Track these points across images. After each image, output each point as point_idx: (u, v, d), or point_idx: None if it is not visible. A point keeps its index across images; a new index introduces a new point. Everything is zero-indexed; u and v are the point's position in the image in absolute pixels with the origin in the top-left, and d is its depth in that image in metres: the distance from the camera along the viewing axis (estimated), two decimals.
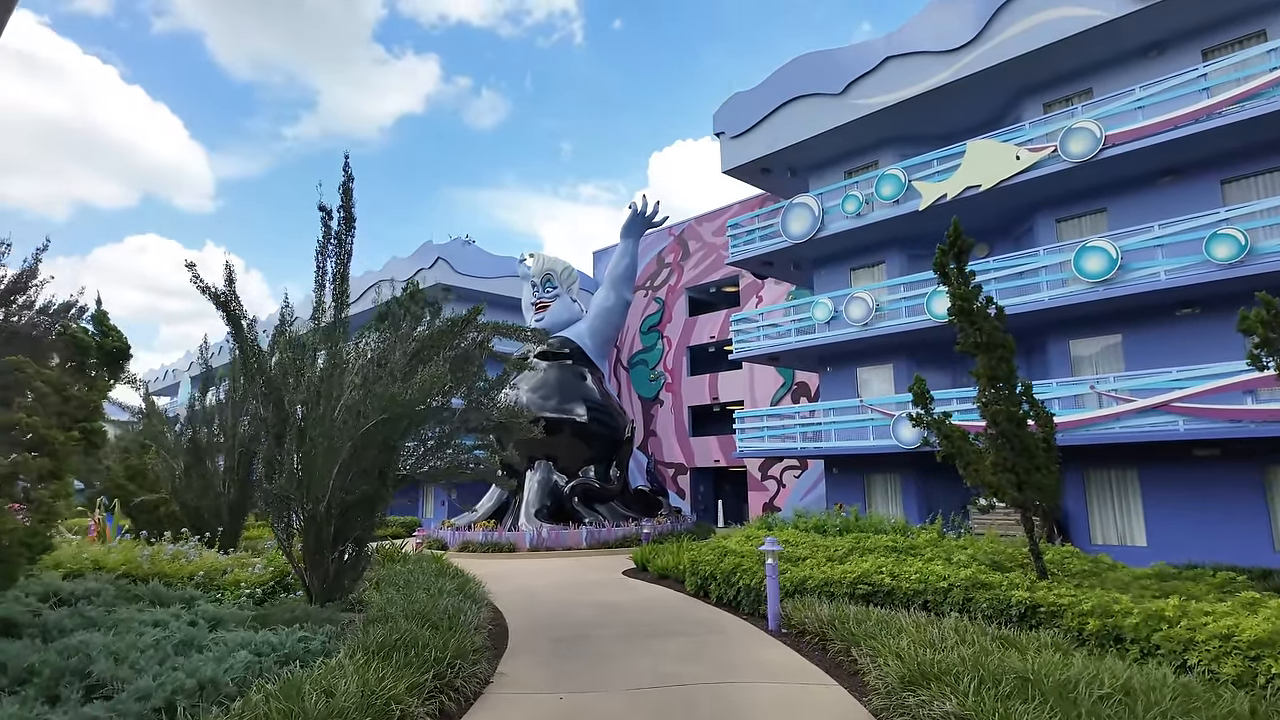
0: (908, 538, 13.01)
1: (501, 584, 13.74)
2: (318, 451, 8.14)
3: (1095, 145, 13.88)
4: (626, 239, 23.86)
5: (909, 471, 17.38)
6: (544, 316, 24.00)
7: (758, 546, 11.51)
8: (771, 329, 19.19)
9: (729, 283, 30.68)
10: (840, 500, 18.55)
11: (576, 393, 22.81)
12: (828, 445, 17.51)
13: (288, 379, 8.54)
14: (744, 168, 20.04)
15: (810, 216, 17.97)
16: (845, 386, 18.63)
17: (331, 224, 9.15)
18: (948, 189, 15.78)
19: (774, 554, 9.28)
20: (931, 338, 16.73)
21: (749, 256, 19.61)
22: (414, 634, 6.33)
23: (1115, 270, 13.49)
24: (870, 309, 16.67)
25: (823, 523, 15.04)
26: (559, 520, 20.69)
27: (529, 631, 9.10)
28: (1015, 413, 8.58)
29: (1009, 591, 8.03)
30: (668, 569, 13.70)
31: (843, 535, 14.22)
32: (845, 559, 10.85)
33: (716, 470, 30.96)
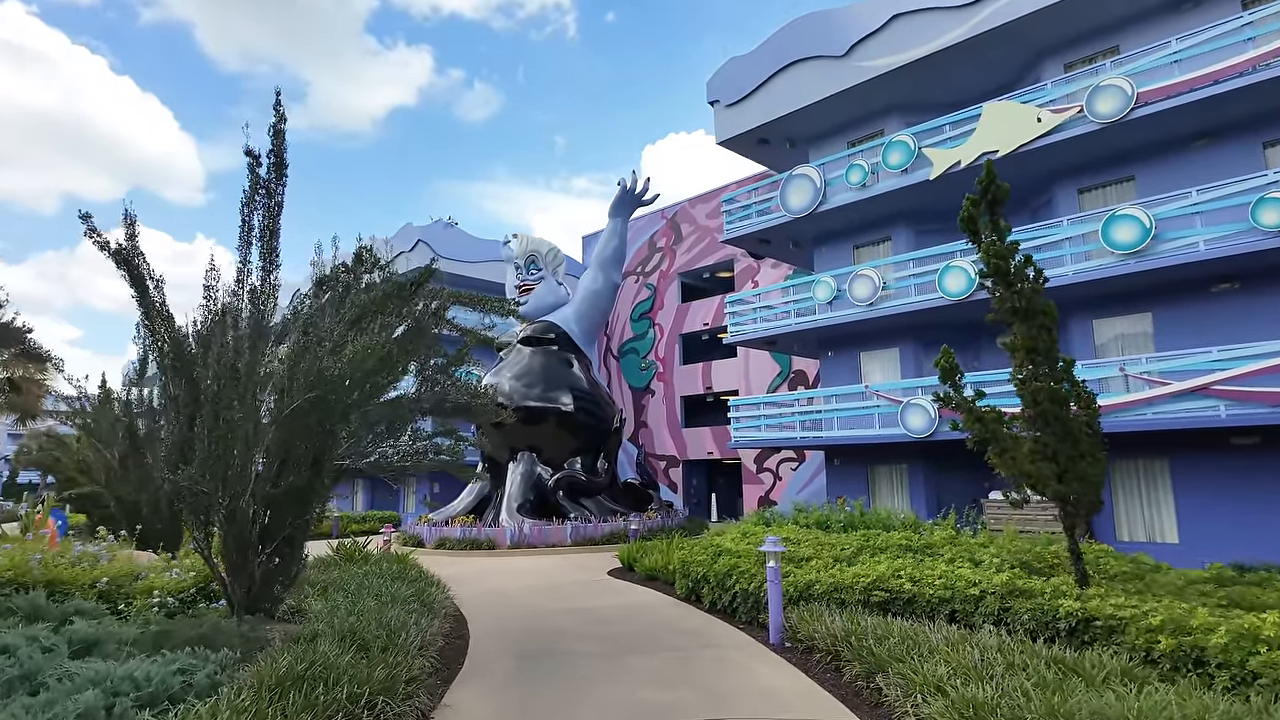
0: (921, 535, 11.81)
1: (472, 586, 12.47)
2: (236, 436, 6.83)
3: (1126, 104, 12.63)
4: (615, 218, 22.53)
5: (917, 462, 16.17)
6: (528, 300, 22.64)
7: (756, 545, 10.27)
8: (768, 311, 17.93)
9: (723, 267, 29.42)
10: (842, 494, 17.34)
11: (562, 380, 21.51)
12: (829, 435, 16.28)
13: (205, 349, 7.22)
14: (740, 138, 18.72)
15: (811, 189, 16.68)
16: (847, 372, 17.39)
17: (260, 171, 7.83)
18: (961, 155, 14.52)
19: (776, 555, 8.03)
20: (942, 318, 15.49)
21: (745, 234, 18.32)
22: (332, 660, 5.05)
23: (1148, 241, 12.27)
24: (876, 287, 15.42)
25: (826, 518, 13.82)
26: (543, 515, 19.43)
27: (492, 647, 7.84)
28: (1059, 391, 7.34)
29: (1054, 601, 6.80)
30: (656, 569, 12.46)
31: (848, 532, 13.00)
32: (855, 560, 9.63)
33: (710, 463, 29.75)
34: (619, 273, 22.86)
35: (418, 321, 7.56)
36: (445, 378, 8.01)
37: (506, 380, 21.29)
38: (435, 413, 8.32)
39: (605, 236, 22.66)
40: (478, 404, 8.37)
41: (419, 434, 8.39)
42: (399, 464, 8.09)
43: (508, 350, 22.42)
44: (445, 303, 7.96)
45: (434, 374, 8.04)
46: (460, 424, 9.93)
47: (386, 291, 7.50)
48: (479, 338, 9.32)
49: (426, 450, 8.41)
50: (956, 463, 16.22)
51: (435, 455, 8.43)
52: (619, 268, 22.83)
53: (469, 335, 9.06)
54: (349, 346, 6.79)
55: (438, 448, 8.56)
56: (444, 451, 8.57)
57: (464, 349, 8.69)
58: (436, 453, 8.49)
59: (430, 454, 8.44)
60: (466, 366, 8.58)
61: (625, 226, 22.76)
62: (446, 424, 9.30)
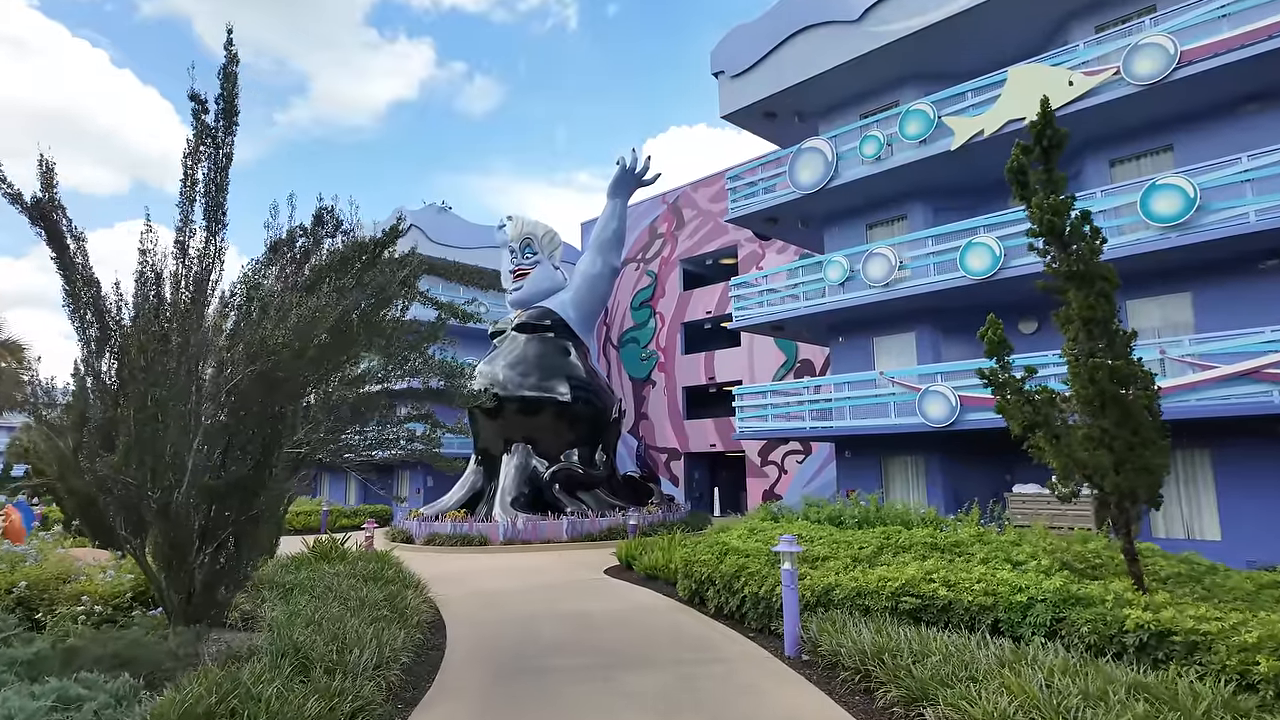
0: (945, 532, 10.87)
1: (458, 586, 11.54)
2: (169, 419, 5.87)
3: (1168, 64, 11.61)
4: (614, 199, 21.49)
5: (934, 454, 15.20)
6: (523, 285, 21.66)
7: (766, 544, 9.33)
8: (775, 294, 16.92)
9: (727, 253, 28.40)
10: (853, 487, 16.36)
11: (559, 369, 20.54)
12: (840, 425, 15.31)
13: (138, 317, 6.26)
14: (745, 112, 17.68)
15: (822, 163, 15.66)
16: (859, 359, 16.40)
17: (206, 119, 6.86)
18: (984, 124, 13.50)
19: (792, 556, 7.08)
20: (963, 300, 14.50)
21: (751, 212, 17.30)
22: (256, 690, 4.10)
23: (1191, 213, 11.26)
24: (892, 267, 14.41)
25: (838, 513, 12.85)
26: (538, 510, 18.50)
27: (470, 661, 6.89)
28: (1120, 367, 6.36)
29: (1118, 610, 5.84)
30: (656, 568, 11.53)
31: (863, 529, 12.05)
32: (876, 560, 8.68)
33: (712, 455, 28.79)
34: (618, 256, 21.85)
35: (383, 290, 6.57)
36: (416, 355, 7.04)
37: (500, 369, 20.34)
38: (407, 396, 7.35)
39: (604, 218, 21.63)
40: (455, 387, 7.39)
41: (391, 419, 7.41)
42: (367, 454, 7.11)
43: (502, 338, 21.46)
44: (416, 270, 6.98)
45: (404, 351, 7.06)
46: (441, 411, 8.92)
47: (345, 253, 6.51)
48: (456, 311, 8.34)
49: (398, 438, 7.42)
50: (975, 454, 15.27)
51: (409, 444, 7.46)
52: (618, 251, 21.81)
53: (444, 309, 8.08)
54: (294, 311, 5.82)
55: (411, 435, 7.57)
56: (419, 439, 7.59)
57: (438, 323, 7.71)
58: (410, 440, 7.50)
59: (403, 442, 7.46)
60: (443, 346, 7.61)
61: (625, 208, 21.74)
62: (422, 409, 8.34)
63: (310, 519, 24.66)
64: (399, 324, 6.95)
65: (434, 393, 7.50)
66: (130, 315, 6.23)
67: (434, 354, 7.43)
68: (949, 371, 13.74)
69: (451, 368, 7.67)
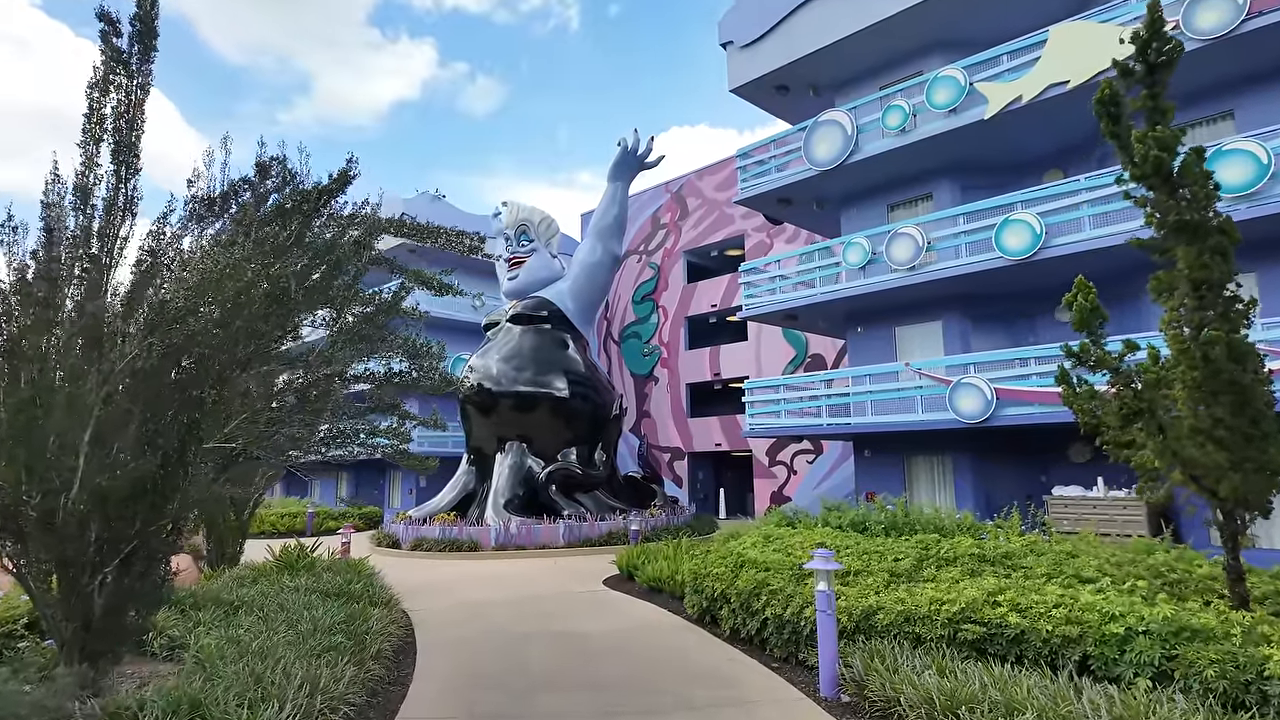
0: (986, 540, 9.66)
1: (440, 599, 10.31)
2: (51, 405, 4.65)
3: (1235, 15, 10.38)
4: (614, 182, 20.24)
5: (964, 452, 13.96)
6: (518, 274, 20.43)
7: (792, 556, 8.10)
8: (787, 281, 15.67)
9: (733, 244, 27.18)
10: (873, 489, 15.14)
11: (556, 363, 19.30)
12: (859, 421, 14.06)
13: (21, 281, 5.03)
14: (756, 85, 16.45)
15: (841, 136, 14.42)
16: (879, 350, 15.16)
17: (119, 42, 5.65)
18: (1023, 89, 12.25)
19: (828, 575, 5.84)
20: (996, 285, 13.28)
21: (762, 192, 16.06)
22: None
23: (1265, 180, 10.02)
24: (919, 248, 13.17)
25: (862, 518, 11.61)
26: (533, 512, 17.26)
27: (438, 702, 5.66)
28: (1238, 343, 5.12)
29: (1250, 649, 4.60)
30: (661, 580, 10.29)
31: (892, 536, 10.84)
32: (917, 575, 7.45)
33: (718, 455, 27.56)
34: (620, 243, 20.60)
35: (330, 250, 5.34)
36: (373, 329, 5.80)
37: (494, 362, 19.11)
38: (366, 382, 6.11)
39: (604, 204, 20.37)
40: (423, 371, 6.15)
41: (346, 410, 6.17)
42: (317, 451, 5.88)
43: (496, 329, 20.23)
44: (373, 229, 5.74)
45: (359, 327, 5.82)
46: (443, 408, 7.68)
47: (283, 205, 5.28)
48: (425, 280, 7.10)
49: (356, 432, 6.18)
50: (1009, 453, 14.03)
51: (369, 439, 6.22)
52: (619, 238, 20.56)
53: (408, 275, 6.85)
54: (217, 274, 4.59)
55: (373, 429, 6.33)
56: (381, 434, 6.35)
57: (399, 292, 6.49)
58: (371, 435, 6.27)
59: (362, 436, 6.22)
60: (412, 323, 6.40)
61: (626, 192, 20.49)
62: (386, 398, 7.11)
63: (295, 521, 23.46)
64: (351, 292, 5.71)
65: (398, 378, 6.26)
66: (7, 277, 5.01)
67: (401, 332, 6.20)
68: (982, 362, 12.50)
69: (418, 347, 6.43)
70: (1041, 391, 11.52)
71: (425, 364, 6.44)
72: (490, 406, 18.94)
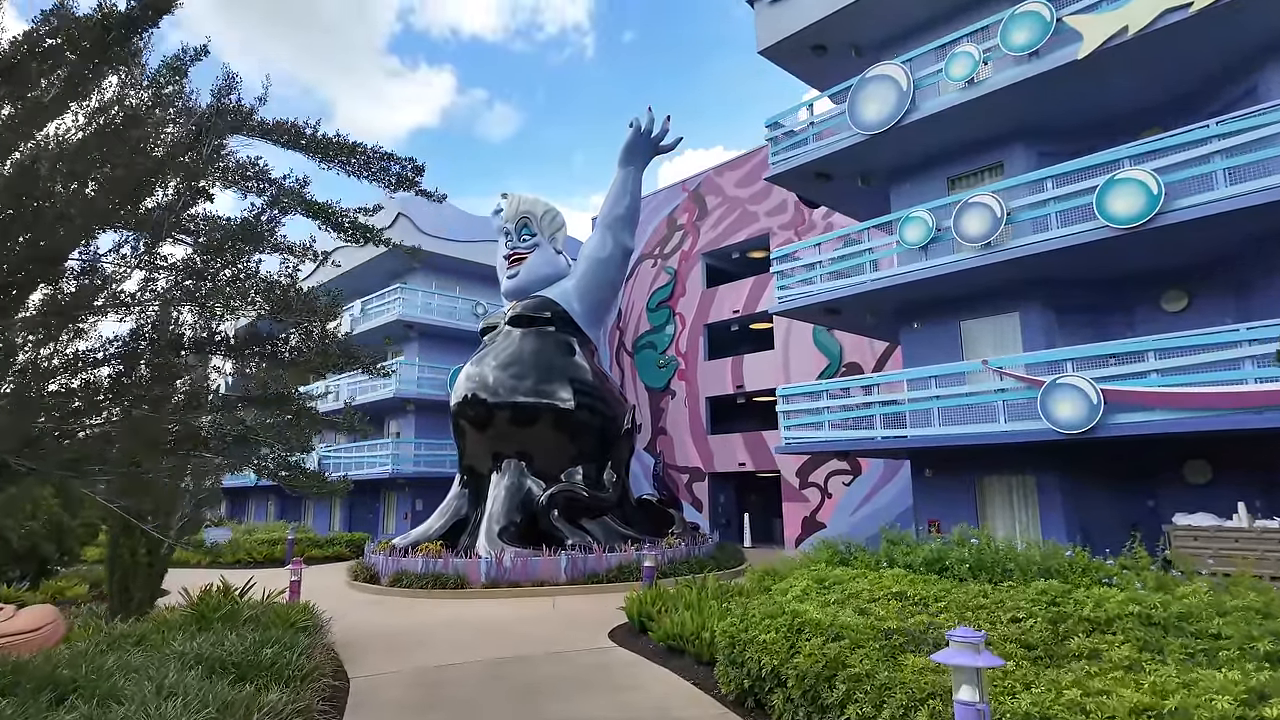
0: (1110, 584, 7.22)
1: (402, 660, 7.93)
2: None
3: None
4: (626, 167, 18.01)
5: (1050, 471, 11.43)
6: (518, 272, 18.23)
7: (883, 620, 5.66)
8: (826, 270, 13.28)
9: (756, 245, 24.89)
10: (936, 516, 12.61)
11: (560, 370, 16.99)
12: (923, 434, 11.59)
13: None
14: (788, 45, 14.22)
15: (895, 93, 12.12)
16: (941, 350, 12.72)
17: None
18: (1129, 19, 9.90)
19: (977, 678, 3.41)
20: (1088, 266, 10.89)
21: (797, 166, 13.76)
22: None
23: None
24: (997, 220, 10.77)
25: (938, 555, 9.12)
26: (532, 541, 14.87)
27: None
28: None
29: None
30: (684, 638, 7.85)
31: (982, 579, 8.39)
32: (1060, 648, 5.04)
33: (741, 476, 25.03)
34: (631, 236, 18.33)
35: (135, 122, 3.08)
36: (217, 260, 3.52)
37: (490, 370, 16.85)
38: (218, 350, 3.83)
39: (614, 192, 18.14)
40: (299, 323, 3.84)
41: (201, 402, 3.88)
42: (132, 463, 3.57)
43: (493, 334, 17.99)
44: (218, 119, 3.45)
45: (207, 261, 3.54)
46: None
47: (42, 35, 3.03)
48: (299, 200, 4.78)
49: (217, 438, 3.86)
50: (1110, 473, 11.48)
51: (233, 443, 3.91)
52: (631, 230, 18.30)
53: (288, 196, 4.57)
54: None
55: (247, 432, 4.02)
56: (262, 438, 4.04)
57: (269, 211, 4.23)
58: (241, 440, 3.96)
59: (229, 440, 3.91)
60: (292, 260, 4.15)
61: (639, 179, 18.25)
62: (267, 380, 4.81)
63: (275, 549, 21.17)
64: (179, 204, 3.45)
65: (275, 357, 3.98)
66: None
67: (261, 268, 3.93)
68: (1084, 358, 10.03)
69: (287, 297, 4.12)
70: (1169, 393, 9.02)
71: (296, 318, 4.17)
72: (485, 420, 16.64)
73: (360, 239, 5.15)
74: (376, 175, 4.89)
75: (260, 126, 4.13)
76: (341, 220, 5.06)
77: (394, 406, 26.76)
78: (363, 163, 4.65)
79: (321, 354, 4.54)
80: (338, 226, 5.09)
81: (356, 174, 4.78)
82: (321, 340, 4.59)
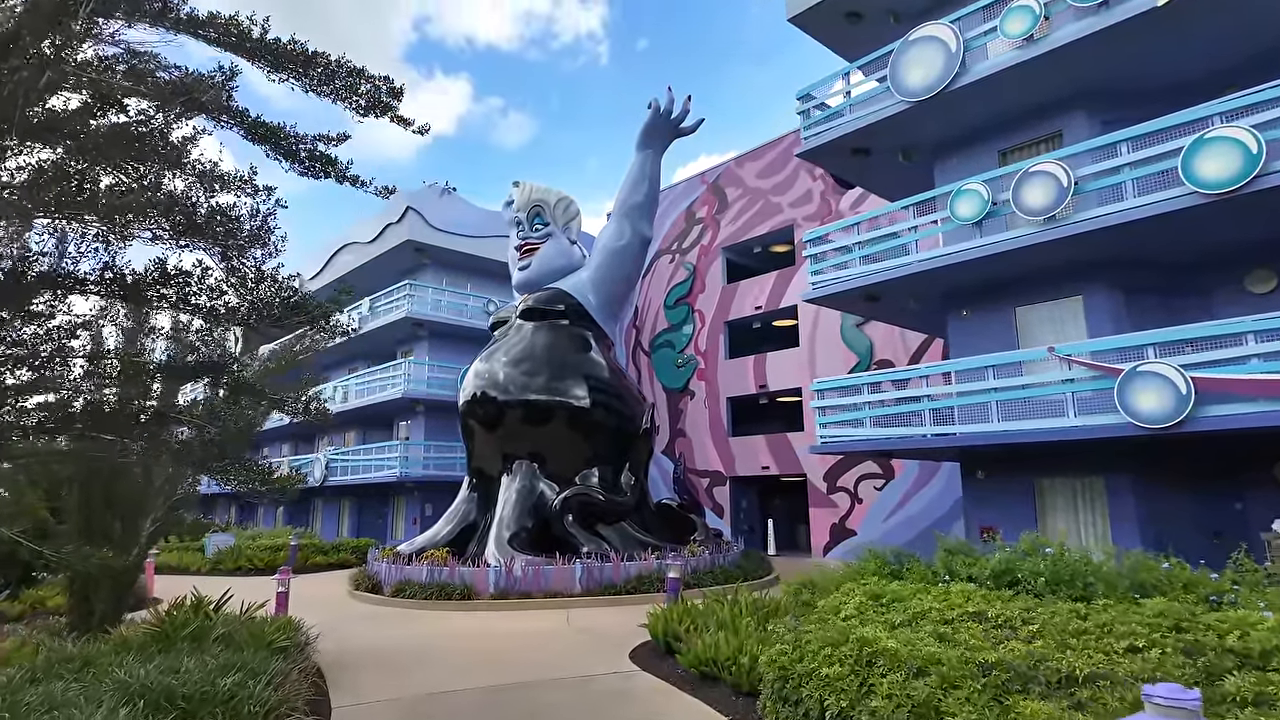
0: (1215, 602, 6.08)
1: (392, 685, 6.89)
2: None
3: None
4: (644, 151, 16.97)
5: (1122, 472, 10.22)
6: (530, 263, 17.26)
7: (976, 649, 4.55)
8: (863, 253, 12.16)
9: (779, 238, 23.78)
10: (990, 522, 11.42)
11: (575, 366, 15.98)
12: (975, 430, 10.41)
13: None
14: (820, 11, 13.12)
15: (943, 56, 11.01)
16: (992, 338, 11.54)
17: None
18: None
19: None
20: (1165, 243, 9.70)
21: (832, 140, 12.65)
22: None
23: None
24: (1063, 190, 9.62)
25: (1007, 566, 7.96)
26: (544, 549, 13.83)
27: None
28: None
29: None
30: (719, 663, 6.74)
31: (1061, 595, 7.24)
32: (1217, 693, 3.89)
33: (764, 480, 23.86)
34: (650, 223, 17.28)
35: None
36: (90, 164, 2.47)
37: (501, 366, 15.86)
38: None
39: (631, 178, 17.10)
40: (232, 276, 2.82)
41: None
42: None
43: (504, 328, 17.02)
44: None
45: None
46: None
47: None
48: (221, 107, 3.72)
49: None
50: (1190, 474, 10.26)
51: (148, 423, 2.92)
52: (649, 217, 17.26)
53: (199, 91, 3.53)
54: None
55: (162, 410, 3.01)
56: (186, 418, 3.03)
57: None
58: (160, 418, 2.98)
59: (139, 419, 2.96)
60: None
61: (658, 163, 17.21)
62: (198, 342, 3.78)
63: (278, 555, 20.25)
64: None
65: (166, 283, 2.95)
66: None
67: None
68: (1169, 343, 8.84)
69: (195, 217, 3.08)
70: (1275, 380, 7.82)
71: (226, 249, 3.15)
72: (495, 419, 15.65)
73: (321, 172, 4.16)
74: (341, 94, 3.91)
75: (188, 21, 3.16)
76: (294, 146, 4.04)
77: (403, 407, 25.86)
78: (323, 76, 3.66)
79: (252, 298, 3.52)
80: (289, 154, 4.09)
81: (315, 90, 3.81)
82: (258, 283, 3.57)
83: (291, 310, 3.95)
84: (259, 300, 3.61)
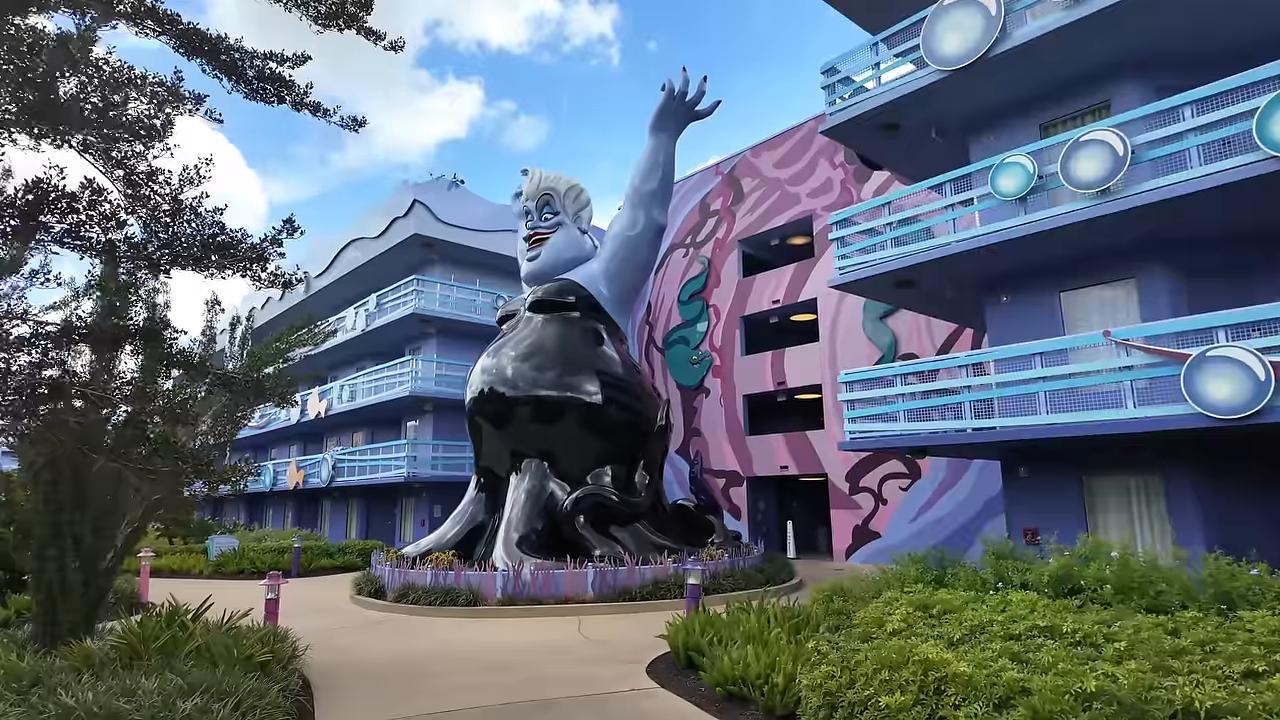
0: None
1: (390, 704, 6.16)
2: None
3: None
4: (657, 134, 16.20)
5: (1182, 469, 9.37)
6: (539, 254, 16.54)
7: (1073, 673, 3.76)
8: (893, 234, 11.35)
9: (797, 230, 22.98)
10: (1034, 523, 10.58)
11: (586, 361, 15.25)
12: (1025, 423, 9.56)
13: None
14: None
15: (982, 20, 10.20)
16: (1035, 326, 10.71)
17: None
18: None
19: None
20: (1233, 215, 8.83)
21: (860, 114, 11.85)
22: None
23: None
24: (1119, 160, 8.79)
25: (1065, 573, 7.16)
26: (555, 552, 13.12)
27: None
28: None
29: None
30: (749, 682, 5.97)
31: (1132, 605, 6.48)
32: None
33: (782, 480, 23.07)
34: (664, 210, 16.52)
35: None
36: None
37: (509, 361, 15.16)
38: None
39: (644, 164, 16.35)
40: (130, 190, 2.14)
41: None
42: None
43: (512, 321, 16.32)
44: None
45: None
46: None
47: None
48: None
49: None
50: (1258, 472, 9.40)
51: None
52: (664, 204, 16.50)
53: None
54: None
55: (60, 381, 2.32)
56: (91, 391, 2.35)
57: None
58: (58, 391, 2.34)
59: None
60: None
61: (672, 148, 16.44)
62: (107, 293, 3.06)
63: (282, 558, 19.67)
64: None
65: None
66: None
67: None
68: (1241, 324, 7.99)
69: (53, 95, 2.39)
70: None
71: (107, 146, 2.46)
72: (504, 416, 14.96)
73: (274, 95, 3.45)
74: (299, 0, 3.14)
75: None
76: (237, 62, 3.30)
77: (411, 406, 25.25)
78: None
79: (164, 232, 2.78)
80: (232, 71, 3.37)
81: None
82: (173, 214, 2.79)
83: (216, 250, 3.20)
84: (174, 235, 2.91)
